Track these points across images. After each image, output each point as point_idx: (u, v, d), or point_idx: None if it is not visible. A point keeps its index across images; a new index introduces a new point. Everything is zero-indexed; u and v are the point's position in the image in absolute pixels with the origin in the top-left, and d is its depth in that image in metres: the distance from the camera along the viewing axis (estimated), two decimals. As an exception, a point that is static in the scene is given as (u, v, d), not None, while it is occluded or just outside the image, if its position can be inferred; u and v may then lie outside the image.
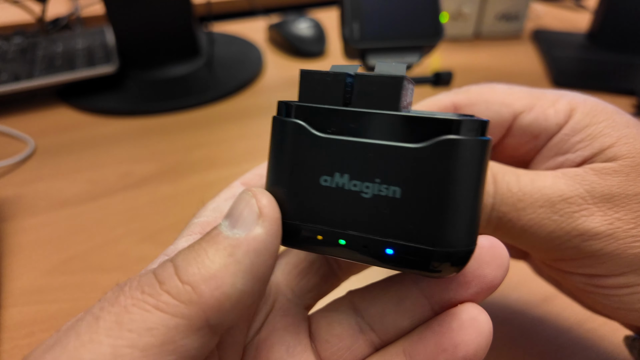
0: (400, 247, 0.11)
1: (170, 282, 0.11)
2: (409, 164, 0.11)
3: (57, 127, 0.44)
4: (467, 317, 0.13)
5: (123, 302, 0.11)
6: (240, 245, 0.11)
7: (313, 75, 0.12)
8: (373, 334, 0.15)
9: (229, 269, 0.11)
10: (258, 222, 0.12)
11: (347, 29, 0.36)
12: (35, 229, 0.32)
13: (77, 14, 0.65)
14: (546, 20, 0.67)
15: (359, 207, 0.12)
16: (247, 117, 0.45)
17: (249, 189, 0.13)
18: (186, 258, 0.11)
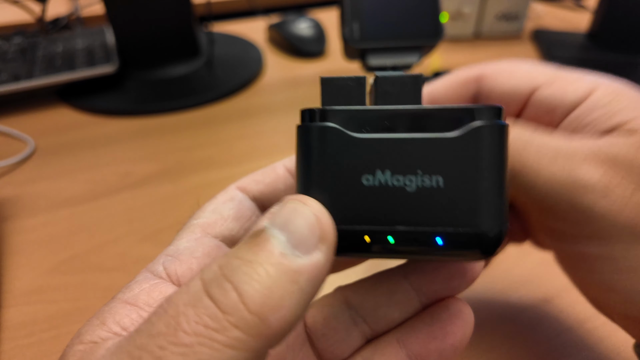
0: (450, 234, 0.12)
1: (237, 313, 0.10)
2: (447, 152, 0.12)
3: (57, 127, 0.44)
4: (456, 309, 0.15)
5: (187, 340, 0.09)
6: (303, 272, 0.10)
7: (334, 82, 0.13)
8: (366, 325, 0.16)
9: (293, 297, 0.10)
10: (319, 247, 0.11)
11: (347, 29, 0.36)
12: (35, 228, 0.32)
13: (77, 14, 0.65)
14: (546, 20, 0.67)
15: (404, 201, 0.12)
16: (247, 117, 0.45)
17: (303, 201, 0.12)
18: (248, 281, 0.10)
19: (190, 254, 0.14)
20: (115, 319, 0.12)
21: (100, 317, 0.13)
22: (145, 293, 0.13)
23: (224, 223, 0.16)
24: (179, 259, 0.14)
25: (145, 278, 0.14)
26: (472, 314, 0.16)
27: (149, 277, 0.14)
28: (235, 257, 0.11)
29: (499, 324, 0.25)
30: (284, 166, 0.18)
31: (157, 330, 0.10)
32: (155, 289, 0.13)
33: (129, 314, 0.13)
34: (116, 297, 0.13)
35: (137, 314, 0.13)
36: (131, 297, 0.13)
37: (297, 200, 0.12)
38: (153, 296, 0.13)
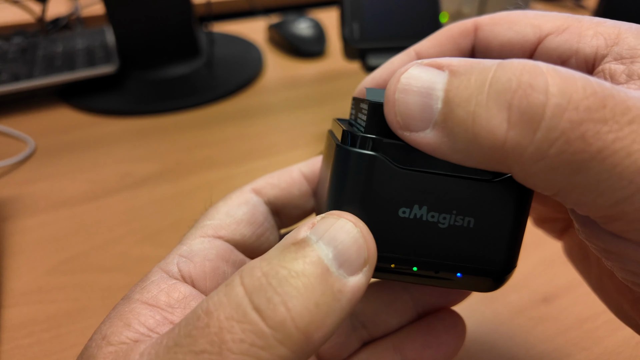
0: (469, 269, 0.13)
1: (284, 329, 0.09)
2: (483, 196, 0.12)
3: (57, 127, 0.44)
4: (450, 322, 0.16)
5: (233, 358, 0.09)
6: (345, 292, 0.10)
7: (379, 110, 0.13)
8: (364, 331, 0.17)
9: (334, 315, 0.10)
10: (363, 270, 0.11)
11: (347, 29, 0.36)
12: (35, 228, 0.32)
13: (77, 14, 0.65)
14: (546, 20, 0.67)
15: (435, 236, 0.12)
16: (247, 117, 0.45)
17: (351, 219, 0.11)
18: (298, 296, 0.10)
19: (204, 257, 0.14)
20: (140, 320, 0.12)
21: (124, 319, 0.12)
22: (165, 294, 0.13)
23: (237, 227, 0.16)
24: (193, 260, 0.14)
25: (162, 278, 0.14)
26: (465, 325, 0.17)
27: (164, 277, 0.14)
28: (280, 265, 0.10)
29: (499, 324, 0.25)
30: (300, 171, 0.18)
31: (200, 348, 0.09)
32: (174, 289, 0.13)
33: (153, 316, 0.12)
34: (133, 297, 0.13)
35: (161, 315, 0.13)
36: (151, 298, 0.13)
37: (345, 218, 0.11)
38: (173, 297, 0.13)
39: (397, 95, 0.11)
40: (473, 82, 0.10)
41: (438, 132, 0.11)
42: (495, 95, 0.10)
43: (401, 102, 0.11)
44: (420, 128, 0.11)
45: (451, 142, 0.10)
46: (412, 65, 0.11)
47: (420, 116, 0.11)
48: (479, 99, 0.10)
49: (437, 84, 0.11)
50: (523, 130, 0.09)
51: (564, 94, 0.09)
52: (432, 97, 0.11)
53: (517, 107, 0.09)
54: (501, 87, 0.10)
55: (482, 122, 0.10)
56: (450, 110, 0.10)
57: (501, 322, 0.25)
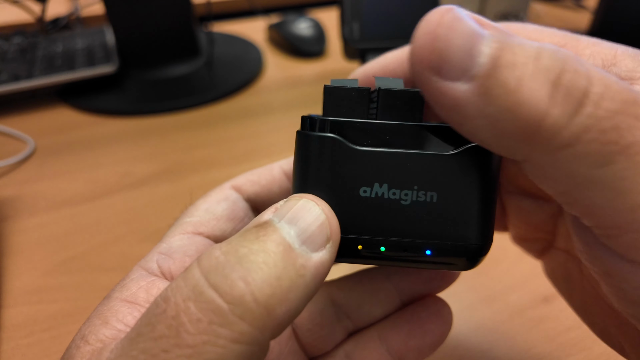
0: (438, 246, 0.12)
1: (243, 304, 0.09)
2: (443, 169, 0.12)
3: (57, 127, 0.44)
4: (435, 309, 0.16)
5: (191, 340, 0.09)
6: (310, 267, 0.10)
7: (338, 91, 0.13)
8: (349, 321, 0.17)
9: (298, 291, 0.10)
10: (326, 246, 0.11)
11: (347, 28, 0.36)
12: (35, 228, 0.32)
13: (77, 14, 0.65)
14: (546, 20, 0.67)
15: (398, 213, 0.12)
16: (247, 117, 0.45)
17: (313, 199, 0.11)
18: (257, 270, 0.09)
19: (184, 253, 0.14)
20: (118, 317, 0.12)
21: (102, 317, 0.12)
22: (144, 290, 0.13)
23: (216, 223, 0.16)
24: (173, 257, 0.14)
25: (141, 275, 0.14)
26: (451, 312, 0.16)
27: (144, 275, 0.14)
28: (240, 245, 0.10)
29: (499, 324, 0.25)
30: (281, 168, 0.18)
31: (159, 333, 0.09)
32: (153, 285, 0.13)
33: (131, 312, 0.12)
34: (112, 296, 0.13)
35: (139, 312, 0.13)
36: (130, 296, 0.13)
37: (307, 198, 0.11)
38: (152, 293, 0.13)
39: (440, 29, 0.10)
40: (519, 50, 0.09)
41: (474, 87, 0.10)
42: (544, 68, 0.09)
43: (443, 38, 0.10)
44: (453, 76, 0.10)
45: (483, 103, 0.10)
46: (456, 7, 0.10)
47: (459, 63, 0.10)
48: (527, 68, 0.09)
49: (484, 37, 0.10)
50: (565, 110, 0.09)
51: (603, 84, 0.09)
52: (477, 47, 0.10)
53: (564, 87, 0.09)
54: (550, 64, 0.09)
55: (526, 91, 0.09)
56: (496, 68, 0.09)
57: (501, 322, 0.25)
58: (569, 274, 0.17)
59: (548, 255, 0.19)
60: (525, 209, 0.17)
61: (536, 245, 0.19)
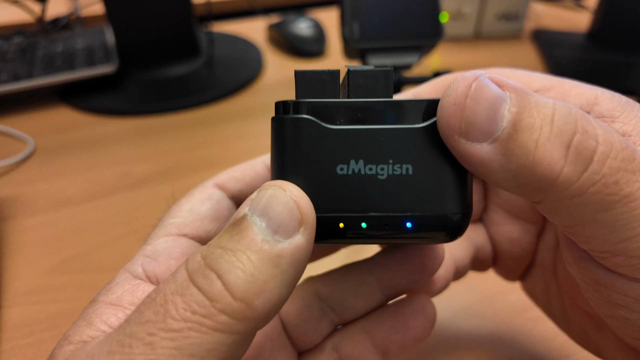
0: (418, 218, 0.12)
1: (223, 299, 0.10)
2: (416, 142, 0.12)
3: (57, 127, 0.44)
4: (419, 305, 0.17)
5: (176, 326, 0.10)
6: (285, 255, 0.11)
7: (309, 75, 0.13)
8: (334, 315, 0.17)
9: (276, 281, 0.11)
10: (300, 230, 0.11)
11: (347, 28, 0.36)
12: (35, 228, 0.32)
13: (77, 14, 0.65)
14: (546, 20, 0.67)
15: (376, 188, 0.12)
16: (247, 117, 0.45)
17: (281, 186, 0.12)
18: (232, 270, 0.10)
19: (169, 255, 0.15)
20: (102, 318, 0.12)
21: (86, 319, 0.13)
22: (129, 293, 0.13)
23: (201, 224, 0.16)
24: (157, 260, 0.14)
25: (126, 279, 0.14)
26: (434, 309, 0.17)
27: (129, 278, 0.14)
28: (217, 246, 0.11)
29: (499, 324, 0.25)
30: (264, 163, 0.18)
31: (145, 318, 0.10)
32: (138, 288, 0.14)
33: (115, 314, 0.13)
34: (98, 299, 0.13)
35: (124, 313, 0.13)
36: (115, 299, 0.13)
37: (275, 186, 0.12)
38: (137, 295, 0.13)
39: (469, 100, 0.11)
40: (536, 113, 0.11)
41: (496, 148, 0.11)
42: (558, 131, 0.11)
43: (470, 108, 0.11)
44: (479, 139, 0.11)
45: (505, 162, 0.11)
46: (481, 73, 0.11)
47: (483, 127, 0.11)
48: (544, 131, 0.11)
49: (505, 102, 0.11)
50: (575, 168, 0.10)
51: (607, 143, 0.11)
52: (500, 112, 0.11)
53: (576, 148, 0.10)
54: (564, 126, 0.11)
55: (544, 153, 0.10)
56: (516, 132, 0.11)
57: (501, 322, 0.25)
58: (547, 287, 0.19)
59: (528, 274, 0.21)
60: (514, 236, 0.19)
61: (520, 269, 0.20)
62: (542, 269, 0.20)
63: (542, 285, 0.20)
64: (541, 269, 0.20)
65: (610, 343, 0.16)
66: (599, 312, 0.14)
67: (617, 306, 0.13)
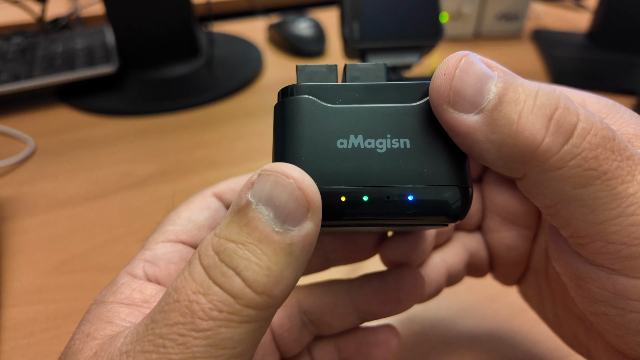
0: (420, 190, 0.13)
1: (246, 296, 0.11)
2: (412, 118, 0.13)
3: (57, 127, 0.44)
4: (383, 337, 0.19)
5: (206, 325, 0.10)
6: (296, 243, 0.11)
7: (309, 68, 0.14)
8: (312, 326, 0.19)
9: (291, 268, 0.11)
10: (308, 217, 0.11)
11: (347, 28, 0.36)
12: (35, 228, 0.32)
13: (77, 14, 0.65)
14: (546, 20, 0.67)
15: (376, 162, 0.13)
16: (247, 117, 0.45)
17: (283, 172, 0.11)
18: (248, 266, 0.11)
19: (168, 260, 0.15)
20: (121, 317, 0.13)
21: (104, 318, 0.13)
22: (138, 292, 0.14)
23: (198, 232, 0.16)
24: (158, 265, 0.15)
25: (131, 280, 0.14)
26: (398, 342, 0.19)
27: (133, 279, 0.14)
28: (227, 239, 0.11)
29: (500, 324, 0.25)
30: None
31: (174, 320, 0.11)
32: (146, 287, 0.14)
33: (131, 312, 0.13)
34: (107, 300, 0.14)
35: (139, 311, 0.13)
36: (126, 299, 0.13)
37: (277, 172, 0.11)
38: (147, 293, 0.14)
39: (458, 71, 0.12)
40: (521, 89, 0.11)
41: (481, 118, 0.12)
42: (541, 105, 0.11)
43: (459, 79, 0.12)
44: (465, 110, 0.12)
45: (489, 132, 0.11)
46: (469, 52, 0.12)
47: (471, 99, 0.12)
48: (527, 104, 0.11)
49: (492, 79, 0.12)
50: (556, 140, 0.11)
51: (588, 121, 0.11)
52: (487, 86, 0.12)
53: (557, 120, 0.11)
54: (546, 101, 0.11)
55: (526, 123, 0.11)
56: (501, 103, 0.11)
57: (501, 322, 0.25)
58: (540, 290, 0.20)
59: (524, 279, 0.21)
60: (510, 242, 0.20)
61: (516, 274, 0.21)
62: (535, 273, 0.20)
63: (536, 288, 0.20)
64: (534, 273, 0.20)
65: (599, 346, 0.16)
66: (583, 309, 0.14)
67: (597, 302, 0.13)
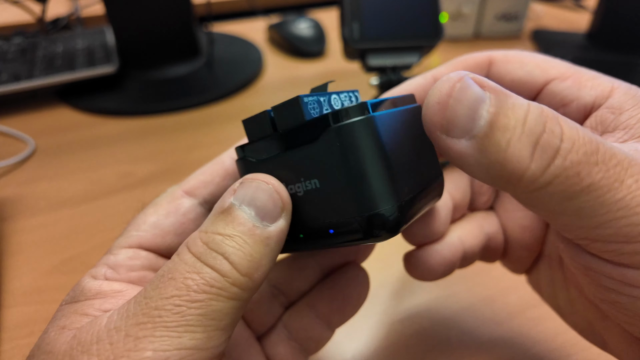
0: (336, 224, 0.14)
1: (233, 275, 0.13)
2: (314, 158, 0.14)
3: (58, 127, 0.44)
4: (352, 274, 0.19)
5: (199, 297, 0.12)
6: (272, 237, 0.13)
7: (249, 120, 0.16)
8: (283, 297, 0.20)
9: (267, 257, 0.13)
10: (282, 215, 0.14)
11: (346, 29, 0.36)
12: (35, 229, 0.32)
13: (77, 14, 0.65)
14: (546, 20, 0.67)
15: (300, 205, 0.14)
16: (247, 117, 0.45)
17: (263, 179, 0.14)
18: (235, 252, 0.13)
19: (129, 268, 0.16)
20: (95, 307, 0.14)
21: (79, 312, 0.13)
22: (108, 285, 0.15)
23: (163, 239, 0.17)
24: (119, 272, 0.15)
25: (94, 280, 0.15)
26: (367, 276, 0.19)
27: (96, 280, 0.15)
28: (215, 232, 0.13)
29: (499, 324, 0.25)
30: (231, 158, 0.18)
31: (169, 294, 0.12)
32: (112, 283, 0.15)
33: (106, 301, 0.14)
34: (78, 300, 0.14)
35: (114, 299, 0.14)
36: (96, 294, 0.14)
37: (258, 180, 0.14)
38: (115, 287, 0.15)
39: (451, 100, 0.12)
40: (511, 114, 0.12)
41: (472, 144, 0.12)
42: (528, 132, 0.12)
43: (452, 107, 0.12)
44: (458, 135, 0.12)
45: (479, 157, 0.12)
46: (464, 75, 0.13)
47: (463, 126, 0.12)
48: (516, 131, 0.12)
49: (484, 103, 0.12)
50: (540, 165, 0.12)
51: (570, 140, 0.12)
52: (478, 113, 0.12)
53: (542, 146, 0.12)
54: (533, 127, 0.12)
55: (514, 151, 0.12)
56: (491, 131, 0.12)
57: (500, 322, 0.25)
58: (553, 278, 0.20)
59: (535, 266, 0.21)
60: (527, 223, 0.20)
61: (529, 259, 0.21)
62: (549, 260, 0.20)
63: (549, 276, 0.20)
64: (548, 260, 0.20)
65: (614, 333, 0.16)
66: (593, 298, 0.15)
67: (608, 290, 0.13)
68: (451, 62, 0.19)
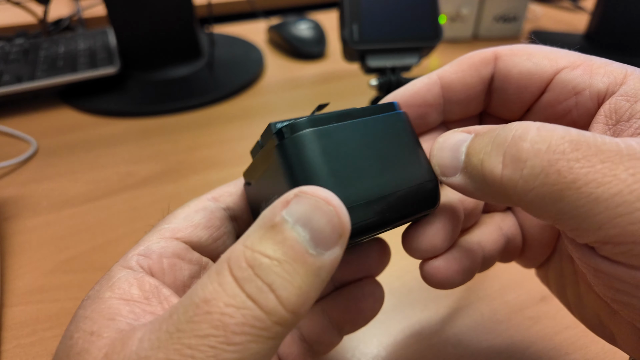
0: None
1: (277, 313, 0.11)
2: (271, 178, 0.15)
3: (59, 128, 0.44)
4: (368, 290, 0.19)
5: (238, 340, 0.11)
6: (325, 267, 0.12)
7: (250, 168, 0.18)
8: None
9: (316, 289, 0.12)
10: (339, 242, 0.12)
11: (346, 30, 0.37)
12: (37, 228, 0.32)
13: (79, 15, 0.65)
14: (544, 21, 0.67)
15: None
16: (247, 117, 0.45)
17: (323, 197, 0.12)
18: (283, 284, 0.11)
19: (161, 254, 0.15)
20: (122, 314, 0.13)
21: (105, 315, 0.13)
22: (136, 287, 0.14)
23: (193, 230, 0.17)
24: (151, 257, 0.15)
25: (128, 274, 0.14)
26: (383, 292, 0.20)
27: (130, 272, 0.14)
28: (262, 254, 0.11)
29: (497, 323, 0.25)
30: None
31: (205, 332, 0.11)
32: (143, 281, 0.14)
33: (132, 310, 0.13)
34: (104, 296, 0.13)
35: (140, 308, 0.13)
36: (124, 294, 0.13)
37: (318, 197, 0.12)
38: (145, 288, 0.14)
39: (434, 151, 0.15)
40: (485, 139, 0.13)
41: (463, 176, 0.14)
42: (496, 146, 0.13)
43: (437, 156, 0.15)
44: (452, 174, 0.15)
45: (472, 183, 0.14)
46: (448, 132, 0.15)
47: (451, 165, 0.15)
48: (486, 150, 0.13)
49: (464, 142, 0.14)
50: (513, 169, 0.12)
51: (544, 141, 0.12)
52: (458, 152, 0.14)
53: (509, 153, 0.12)
54: (501, 140, 0.13)
55: (486, 165, 0.13)
56: (469, 159, 0.14)
57: (499, 321, 0.25)
58: (563, 272, 0.19)
59: (546, 262, 0.20)
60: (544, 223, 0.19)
61: (544, 255, 0.20)
62: (559, 255, 0.20)
63: (558, 271, 0.20)
64: (559, 255, 0.20)
65: (624, 329, 0.16)
66: (603, 296, 0.14)
67: (619, 292, 0.13)
68: (457, 60, 0.19)
